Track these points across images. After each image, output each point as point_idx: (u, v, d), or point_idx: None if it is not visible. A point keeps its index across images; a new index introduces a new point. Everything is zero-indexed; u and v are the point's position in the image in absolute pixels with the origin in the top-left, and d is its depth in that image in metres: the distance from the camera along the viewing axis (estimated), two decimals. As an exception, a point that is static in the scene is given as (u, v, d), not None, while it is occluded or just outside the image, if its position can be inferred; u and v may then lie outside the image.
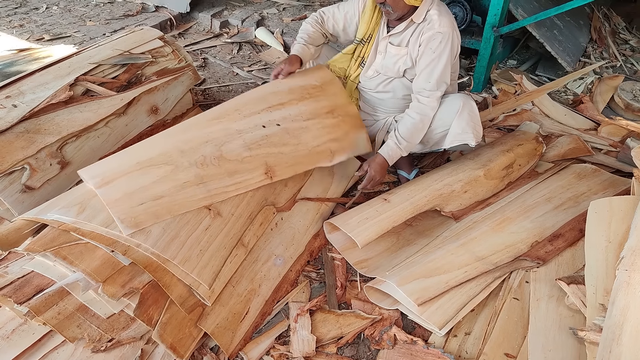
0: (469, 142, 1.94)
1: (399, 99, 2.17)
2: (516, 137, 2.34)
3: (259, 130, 1.82)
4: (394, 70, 2.07)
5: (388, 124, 2.26)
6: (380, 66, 2.10)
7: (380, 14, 2.04)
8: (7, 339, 1.49)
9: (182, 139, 1.71)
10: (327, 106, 2.03)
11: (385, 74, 2.11)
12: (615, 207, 1.68)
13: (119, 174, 1.55)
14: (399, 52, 2.03)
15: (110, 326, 1.52)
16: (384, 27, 2.06)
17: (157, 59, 2.50)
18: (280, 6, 4.47)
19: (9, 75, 2.23)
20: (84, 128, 2.03)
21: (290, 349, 1.55)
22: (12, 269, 1.53)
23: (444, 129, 2.01)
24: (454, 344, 1.54)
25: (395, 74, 2.09)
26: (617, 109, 2.98)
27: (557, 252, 1.77)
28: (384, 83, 2.14)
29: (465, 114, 1.94)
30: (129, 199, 1.49)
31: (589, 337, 1.37)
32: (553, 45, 3.21)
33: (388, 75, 2.11)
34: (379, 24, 2.07)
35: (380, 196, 1.96)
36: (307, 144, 1.90)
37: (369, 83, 2.20)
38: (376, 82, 2.16)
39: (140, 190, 1.52)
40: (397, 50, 2.03)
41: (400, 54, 2.03)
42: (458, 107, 1.94)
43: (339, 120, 2.02)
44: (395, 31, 2.00)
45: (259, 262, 1.74)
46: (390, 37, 2.03)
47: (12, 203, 1.79)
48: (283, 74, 2.03)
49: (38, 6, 4.39)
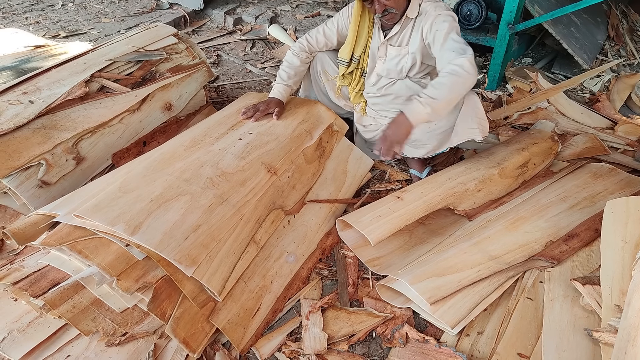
0: (475, 137, 1.93)
1: (403, 98, 2.15)
2: (531, 136, 2.31)
3: (239, 142, 1.91)
4: (397, 71, 2.05)
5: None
6: (382, 70, 2.09)
7: (371, 25, 2.03)
8: (23, 332, 1.51)
9: (175, 170, 1.70)
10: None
11: (388, 76, 2.10)
12: (632, 207, 1.65)
13: (142, 215, 1.49)
14: (399, 52, 2.01)
15: (124, 320, 1.53)
16: (379, 33, 2.03)
17: (172, 55, 2.51)
18: (294, 3, 4.47)
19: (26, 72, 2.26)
20: (99, 124, 2.04)
21: (301, 346, 1.56)
22: (28, 263, 1.55)
23: (448, 126, 1.99)
24: (467, 343, 1.53)
25: (397, 76, 2.07)
26: (635, 108, 2.93)
27: (572, 252, 1.75)
28: (386, 86, 2.13)
29: (469, 108, 1.91)
30: (171, 237, 1.45)
31: (604, 338, 1.35)
32: (570, 42, 3.17)
33: (391, 77, 2.10)
34: (371, 33, 2.05)
35: (393, 194, 1.95)
36: (284, 133, 2.03)
37: (372, 88, 2.19)
38: (379, 86, 2.15)
39: (175, 226, 1.48)
40: (397, 50, 2.01)
41: (401, 54, 2.01)
42: (460, 102, 1.91)
43: (293, 109, 2.21)
44: (393, 32, 1.98)
45: (270, 259, 1.75)
46: (390, 40, 2.01)
47: (29, 198, 1.81)
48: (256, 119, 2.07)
49: (54, 3, 4.44)
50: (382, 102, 2.21)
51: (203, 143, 1.88)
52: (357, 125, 2.39)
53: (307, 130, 2.10)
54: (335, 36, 2.16)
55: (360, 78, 2.19)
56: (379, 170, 2.40)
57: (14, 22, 3.99)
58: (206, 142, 1.89)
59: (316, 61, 2.30)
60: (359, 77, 2.19)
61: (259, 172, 1.80)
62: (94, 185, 1.72)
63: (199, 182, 1.66)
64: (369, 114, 2.31)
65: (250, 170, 1.78)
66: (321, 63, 2.30)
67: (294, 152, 1.98)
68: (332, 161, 2.16)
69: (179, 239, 1.45)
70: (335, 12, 4.21)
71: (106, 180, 1.71)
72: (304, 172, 2.01)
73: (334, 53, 2.26)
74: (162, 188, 1.60)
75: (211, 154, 1.81)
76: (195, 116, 2.58)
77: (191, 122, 2.53)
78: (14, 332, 1.51)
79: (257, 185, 1.76)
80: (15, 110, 1.91)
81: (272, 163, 1.86)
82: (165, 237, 1.44)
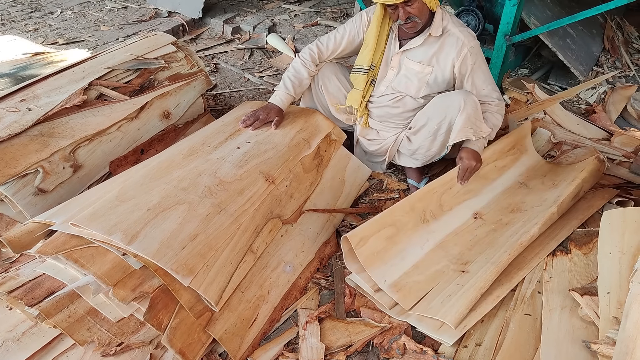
0: (469, 137, 1.94)
1: (409, 112, 2.16)
2: (575, 166, 2.23)
3: (237, 151, 1.90)
4: (412, 87, 2.05)
5: (400, 141, 2.23)
6: (394, 82, 2.09)
7: (388, 32, 2.03)
8: (17, 341, 1.50)
9: (173, 178, 1.69)
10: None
11: (397, 89, 2.09)
12: (629, 218, 1.66)
13: (139, 224, 1.48)
14: (422, 69, 2.01)
15: (119, 330, 1.52)
16: (394, 42, 2.04)
17: (170, 64, 2.52)
18: (292, 12, 4.49)
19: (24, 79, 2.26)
20: (97, 132, 2.04)
21: (298, 357, 1.55)
22: (24, 271, 1.53)
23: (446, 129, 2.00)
24: (465, 355, 1.52)
25: (409, 91, 2.07)
26: (630, 119, 2.95)
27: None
28: (394, 100, 2.13)
29: (470, 109, 1.90)
30: (168, 247, 1.44)
31: (602, 350, 1.35)
32: (566, 54, 3.19)
33: (401, 91, 2.09)
34: (387, 40, 2.05)
35: (454, 268, 1.78)
36: (282, 142, 2.02)
37: (379, 100, 2.18)
38: (387, 99, 2.15)
39: (173, 235, 1.48)
40: (420, 67, 2.01)
41: (424, 72, 2.01)
42: (460, 104, 1.90)
43: (292, 118, 2.20)
44: (412, 45, 1.98)
45: (268, 269, 1.74)
46: (407, 52, 2.01)
47: (25, 205, 1.80)
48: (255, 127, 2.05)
49: (53, 10, 4.45)
50: (387, 115, 2.20)
51: (201, 152, 1.88)
52: (361, 138, 2.35)
53: (305, 139, 2.10)
54: (345, 42, 2.14)
55: (370, 87, 2.16)
56: (376, 180, 2.40)
57: (12, 29, 4.00)
58: (204, 150, 1.89)
59: (318, 75, 2.28)
60: (369, 86, 2.16)
61: (257, 181, 1.79)
62: (91, 193, 1.71)
63: (196, 191, 1.65)
64: (373, 126, 2.29)
65: (248, 179, 1.78)
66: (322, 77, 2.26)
67: (292, 161, 1.98)
68: (330, 170, 2.16)
69: (176, 248, 1.45)
70: (334, 22, 4.25)
71: (103, 188, 1.70)
72: (302, 181, 2.00)
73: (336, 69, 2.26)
74: (159, 197, 1.59)
75: (209, 163, 1.80)
76: (194, 124, 2.57)
77: (189, 130, 2.53)
78: (9, 342, 1.50)
79: (255, 194, 1.75)
80: (12, 118, 1.91)
81: (270, 172, 1.86)
82: (163, 246, 1.43)
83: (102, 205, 1.54)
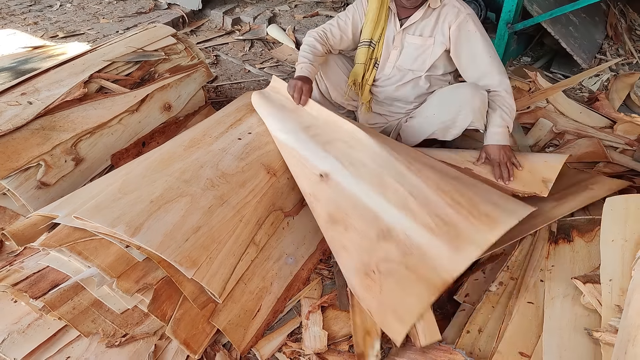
0: (479, 127, 1.92)
1: (414, 96, 2.14)
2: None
3: (238, 142, 1.89)
4: (417, 63, 2.03)
5: (401, 125, 2.21)
6: (398, 61, 2.06)
7: (387, 9, 2.01)
8: (22, 334, 1.51)
9: (175, 170, 1.69)
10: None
11: (403, 67, 2.06)
12: (631, 206, 1.65)
13: (143, 216, 1.48)
14: (424, 42, 1.98)
15: (124, 321, 1.53)
16: (394, 20, 2.01)
17: (170, 56, 2.51)
18: (292, 3, 4.47)
19: (24, 73, 2.25)
20: (98, 125, 2.04)
21: (302, 346, 1.55)
22: (28, 264, 1.55)
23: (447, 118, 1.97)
24: (467, 341, 1.52)
25: (414, 67, 2.04)
26: (633, 107, 2.93)
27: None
28: (400, 82, 2.11)
29: (478, 100, 1.88)
30: (171, 239, 1.45)
31: (605, 338, 1.35)
32: (568, 42, 3.17)
33: (407, 69, 2.07)
34: (387, 20, 2.03)
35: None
36: None
37: (385, 82, 2.15)
38: (393, 81, 2.13)
39: (176, 227, 1.48)
40: (421, 40, 1.98)
41: (426, 45, 1.98)
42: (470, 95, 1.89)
43: None
44: (412, 21, 1.96)
45: (270, 261, 1.74)
46: (407, 29, 1.99)
47: (28, 199, 1.81)
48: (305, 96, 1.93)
49: (52, 4, 4.44)
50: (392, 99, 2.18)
51: (202, 143, 1.87)
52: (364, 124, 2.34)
53: None
54: (350, 28, 2.10)
55: (373, 69, 2.13)
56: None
57: (12, 23, 3.99)
58: (205, 141, 1.88)
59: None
60: (372, 69, 2.13)
61: (259, 173, 1.79)
62: (93, 186, 1.71)
63: (199, 183, 1.66)
64: (376, 111, 2.27)
65: (250, 172, 1.78)
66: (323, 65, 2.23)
67: None
68: (331, 161, 2.15)
69: (180, 240, 1.45)
70: (334, 12, 4.23)
71: (106, 181, 1.70)
72: (304, 172, 2.00)
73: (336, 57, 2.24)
74: (162, 189, 1.60)
75: (211, 155, 1.80)
76: (194, 116, 2.57)
77: (190, 122, 2.53)
78: (14, 334, 1.50)
79: (257, 186, 1.76)
80: (13, 112, 1.91)
81: (272, 164, 1.86)
82: (166, 238, 1.44)
83: (104, 197, 1.54)
